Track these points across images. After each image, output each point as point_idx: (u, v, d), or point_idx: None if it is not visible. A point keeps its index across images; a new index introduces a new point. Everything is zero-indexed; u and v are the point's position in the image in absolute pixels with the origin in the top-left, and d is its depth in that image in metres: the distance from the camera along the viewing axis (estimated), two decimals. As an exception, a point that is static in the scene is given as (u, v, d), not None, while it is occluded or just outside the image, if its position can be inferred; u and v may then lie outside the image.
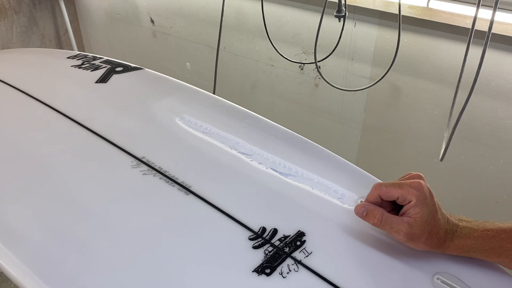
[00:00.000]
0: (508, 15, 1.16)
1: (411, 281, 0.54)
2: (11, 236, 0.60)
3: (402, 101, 1.45)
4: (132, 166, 0.71)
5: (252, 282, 0.53)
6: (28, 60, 1.16)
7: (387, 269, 0.55)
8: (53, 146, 0.77)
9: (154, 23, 2.09)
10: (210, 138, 0.79)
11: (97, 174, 0.71)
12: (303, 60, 1.62)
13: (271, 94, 1.82)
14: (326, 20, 1.32)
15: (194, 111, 0.88)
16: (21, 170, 0.72)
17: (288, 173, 0.72)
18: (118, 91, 0.96)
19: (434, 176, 1.46)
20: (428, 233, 0.54)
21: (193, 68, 2.04)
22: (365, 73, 1.50)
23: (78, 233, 0.60)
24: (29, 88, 0.94)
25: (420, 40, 1.32)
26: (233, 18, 1.76)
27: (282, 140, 0.80)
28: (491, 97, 1.26)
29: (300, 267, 0.55)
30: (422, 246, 0.54)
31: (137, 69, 1.04)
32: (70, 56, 1.12)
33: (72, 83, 0.99)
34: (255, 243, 0.58)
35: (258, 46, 1.75)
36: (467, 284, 0.53)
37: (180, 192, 0.66)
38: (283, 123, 0.84)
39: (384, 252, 0.57)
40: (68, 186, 0.68)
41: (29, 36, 2.24)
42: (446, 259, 0.57)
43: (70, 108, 0.87)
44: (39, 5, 2.24)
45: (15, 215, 0.63)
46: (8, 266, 0.55)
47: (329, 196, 0.67)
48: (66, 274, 0.54)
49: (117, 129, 0.82)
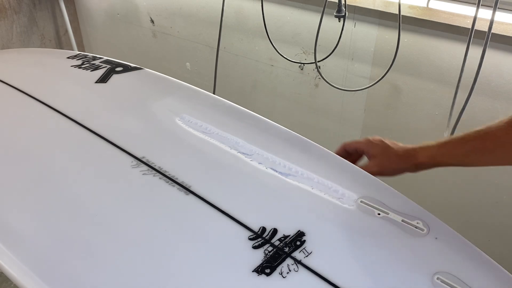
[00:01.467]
0: (508, 15, 1.16)
1: (411, 281, 0.54)
2: (11, 236, 0.60)
3: (402, 101, 1.45)
4: (132, 166, 0.71)
5: (252, 282, 0.53)
6: (28, 60, 1.16)
7: (387, 269, 0.55)
8: (53, 146, 0.77)
9: (154, 23, 2.09)
10: (210, 138, 0.79)
11: (97, 174, 0.71)
12: (303, 60, 1.62)
13: (271, 94, 1.82)
14: (326, 20, 1.32)
15: (194, 111, 0.87)
16: (21, 170, 0.72)
17: (288, 173, 0.72)
18: (118, 91, 0.96)
19: (434, 175, 1.46)
20: (389, 148, 0.70)
21: (193, 68, 2.04)
22: (365, 73, 1.50)
23: (78, 233, 0.60)
24: (29, 88, 0.94)
25: (420, 40, 1.32)
26: (233, 18, 1.76)
27: (282, 140, 0.80)
28: (491, 97, 1.26)
29: (300, 267, 0.55)
30: (394, 160, 0.69)
31: (137, 69, 1.04)
32: (70, 56, 1.12)
33: (72, 83, 0.99)
34: (255, 243, 0.58)
35: (258, 46, 1.75)
36: (467, 284, 0.53)
37: (180, 192, 0.66)
38: (283, 123, 0.84)
39: (384, 252, 0.57)
40: (68, 186, 0.68)
41: (29, 36, 2.24)
42: (446, 259, 0.57)
43: (70, 108, 0.87)
44: (39, 5, 2.24)
45: (15, 215, 0.63)
46: (8, 266, 0.55)
47: (329, 196, 0.67)
48: (66, 274, 0.54)
49: (117, 129, 0.82)
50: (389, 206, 0.64)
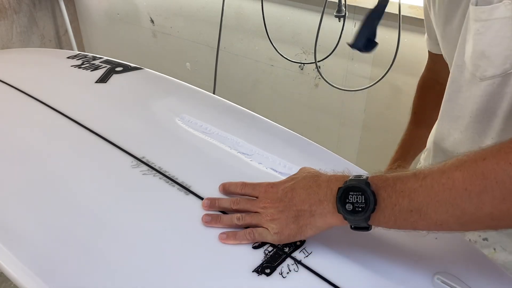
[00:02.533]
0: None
1: (411, 281, 0.54)
2: (11, 236, 0.60)
3: (402, 101, 1.45)
4: (132, 166, 0.71)
5: (252, 282, 0.53)
6: (28, 60, 1.16)
7: (387, 269, 0.55)
8: (53, 146, 0.77)
9: (154, 23, 2.09)
10: (210, 138, 0.79)
11: (96, 174, 0.71)
12: (303, 60, 1.62)
13: (271, 94, 1.82)
14: (326, 20, 1.32)
15: (194, 111, 0.87)
16: (21, 170, 0.72)
17: (288, 173, 0.72)
18: (118, 91, 0.96)
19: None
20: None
21: (193, 68, 2.05)
22: (365, 73, 1.50)
23: (78, 233, 0.60)
24: (29, 88, 0.94)
25: (420, 40, 1.32)
26: (233, 18, 1.77)
27: (282, 140, 0.80)
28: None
29: (300, 267, 0.55)
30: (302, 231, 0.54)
31: (137, 69, 1.04)
32: (70, 56, 1.12)
33: (72, 83, 0.99)
34: (255, 243, 0.58)
35: (258, 46, 1.75)
36: (467, 284, 0.53)
37: (180, 192, 0.66)
38: (283, 123, 0.84)
39: (384, 252, 0.57)
40: (68, 186, 0.68)
41: (29, 36, 2.24)
42: (446, 259, 0.57)
43: (70, 108, 0.87)
44: (39, 5, 2.24)
45: (15, 215, 0.63)
46: (8, 266, 0.55)
47: (329, 196, 0.67)
48: (66, 274, 0.54)
49: (117, 129, 0.82)
50: (389, 206, 0.64)
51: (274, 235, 0.55)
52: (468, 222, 0.45)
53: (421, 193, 0.46)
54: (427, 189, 0.46)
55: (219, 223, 0.59)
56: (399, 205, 0.47)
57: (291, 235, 0.55)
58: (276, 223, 0.55)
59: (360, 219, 0.49)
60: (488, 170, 0.42)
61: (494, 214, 0.43)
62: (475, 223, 0.45)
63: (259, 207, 0.57)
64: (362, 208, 0.49)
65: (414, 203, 0.46)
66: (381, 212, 0.49)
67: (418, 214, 0.46)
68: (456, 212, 0.44)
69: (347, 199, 0.50)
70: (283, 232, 0.55)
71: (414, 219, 0.47)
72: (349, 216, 0.50)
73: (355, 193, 0.49)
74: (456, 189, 0.44)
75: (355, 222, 0.50)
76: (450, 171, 0.45)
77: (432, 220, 0.46)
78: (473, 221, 0.45)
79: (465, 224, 0.45)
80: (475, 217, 0.44)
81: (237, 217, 0.58)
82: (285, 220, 0.54)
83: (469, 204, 0.43)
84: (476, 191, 0.43)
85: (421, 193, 0.46)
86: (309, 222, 0.53)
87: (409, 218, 0.47)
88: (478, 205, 0.43)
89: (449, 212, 0.45)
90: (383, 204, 0.48)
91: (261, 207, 0.57)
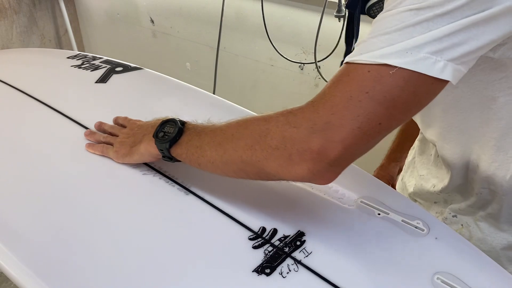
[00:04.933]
0: None
1: (411, 281, 0.54)
2: (11, 236, 0.60)
3: (402, 101, 1.45)
4: (132, 166, 0.71)
5: (252, 282, 0.53)
6: (28, 60, 1.16)
7: (387, 269, 0.55)
8: (53, 146, 0.77)
9: (154, 23, 2.09)
10: (210, 138, 0.79)
11: (96, 174, 0.71)
12: (303, 60, 1.62)
13: (271, 94, 1.82)
14: (326, 20, 1.32)
15: (194, 111, 0.87)
16: (21, 170, 0.72)
17: (288, 173, 0.72)
18: (118, 91, 0.96)
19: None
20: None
21: (193, 68, 2.05)
22: (365, 73, 1.50)
23: (78, 233, 0.60)
24: (29, 88, 0.94)
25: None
26: (233, 18, 1.77)
27: (282, 140, 0.80)
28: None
29: (300, 267, 0.55)
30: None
31: (137, 69, 1.04)
32: (70, 56, 1.12)
33: (72, 83, 0.99)
34: (255, 243, 0.58)
35: (258, 46, 1.75)
36: (467, 284, 0.53)
37: (180, 192, 0.66)
38: (283, 123, 0.84)
39: (384, 252, 0.57)
40: (67, 186, 0.68)
41: (29, 36, 2.24)
42: (446, 259, 0.57)
43: (70, 108, 0.87)
44: (39, 5, 2.24)
45: (15, 214, 0.63)
46: (8, 266, 0.55)
47: (329, 196, 0.67)
48: (66, 274, 0.54)
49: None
50: (389, 206, 0.64)
51: (114, 152, 0.70)
52: (228, 162, 0.55)
53: (207, 134, 0.59)
54: (211, 132, 0.58)
55: (92, 138, 0.76)
56: (191, 141, 0.60)
57: (125, 154, 0.69)
58: (120, 144, 0.70)
59: (165, 147, 0.61)
60: (251, 123, 0.53)
61: (243, 157, 0.53)
62: (232, 164, 0.55)
63: (121, 133, 0.73)
64: (168, 136, 0.61)
65: (200, 141, 0.58)
66: (179, 144, 0.61)
67: (201, 150, 0.58)
68: (220, 151, 0.56)
69: (163, 129, 0.63)
70: (119, 151, 0.70)
71: (198, 155, 0.58)
72: (158, 143, 0.62)
73: (169, 125, 0.63)
74: (226, 134, 0.56)
75: (161, 148, 0.62)
76: (234, 122, 0.57)
77: (207, 157, 0.57)
78: (231, 162, 0.55)
79: (226, 163, 0.56)
80: (232, 157, 0.54)
81: (103, 136, 0.75)
82: (127, 144, 0.69)
83: (230, 145, 0.54)
84: (237, 137, 0.54)
85: (207, 134, 0.59)
86: (137, 148, 0.67)
87: (195, 153, 0.59)
88: (235, 147, 0.54)
89: (217, 151, 0.56)
90: (183, 138, 0.61)
91: (121, 132, 0.73)
